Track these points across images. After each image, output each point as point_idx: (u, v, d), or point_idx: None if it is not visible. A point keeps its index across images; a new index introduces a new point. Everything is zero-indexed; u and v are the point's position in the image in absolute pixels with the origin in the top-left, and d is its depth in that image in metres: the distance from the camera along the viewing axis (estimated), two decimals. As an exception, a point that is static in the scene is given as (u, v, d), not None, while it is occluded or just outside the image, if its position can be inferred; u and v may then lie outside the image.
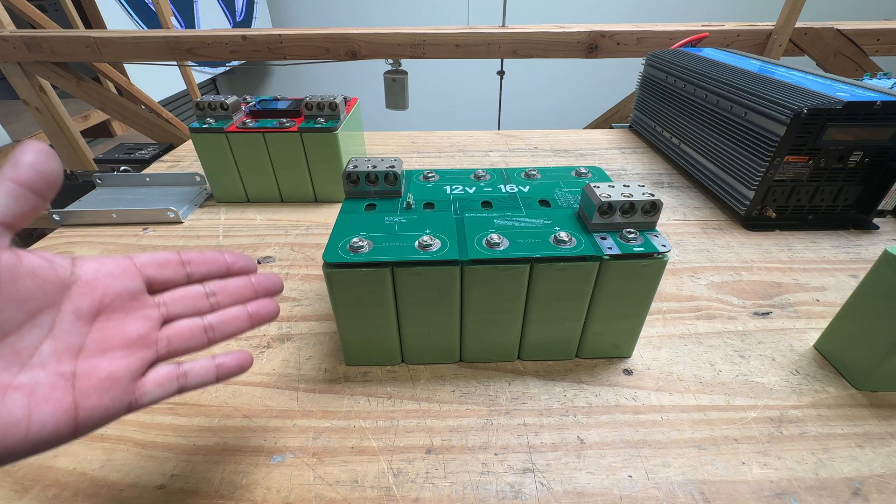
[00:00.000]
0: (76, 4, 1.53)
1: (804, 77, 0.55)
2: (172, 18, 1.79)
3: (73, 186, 0.64)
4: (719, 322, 0.40)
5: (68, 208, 0.57)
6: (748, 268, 0.47)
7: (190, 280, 0.24)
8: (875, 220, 0.54)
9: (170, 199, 0.61)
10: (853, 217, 0.53)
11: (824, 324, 0.37)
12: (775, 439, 0.30)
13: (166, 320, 0.22)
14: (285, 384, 0.35)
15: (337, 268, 0.30)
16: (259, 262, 0.48)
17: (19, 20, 1.23)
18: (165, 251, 0.23)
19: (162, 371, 0.21)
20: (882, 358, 0.32)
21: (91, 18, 1.61)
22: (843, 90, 0.49)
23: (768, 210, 0.52)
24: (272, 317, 0.26)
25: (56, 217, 0.55)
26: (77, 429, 0.18)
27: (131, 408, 0.20)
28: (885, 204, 0.50)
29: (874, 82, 0.62)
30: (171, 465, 0.29)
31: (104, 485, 0.28)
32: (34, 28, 1.27)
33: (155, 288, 0.22)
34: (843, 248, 0.50)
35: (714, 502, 0.27)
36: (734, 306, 0.42)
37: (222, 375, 0.23)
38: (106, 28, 1.58)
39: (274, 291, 0.26)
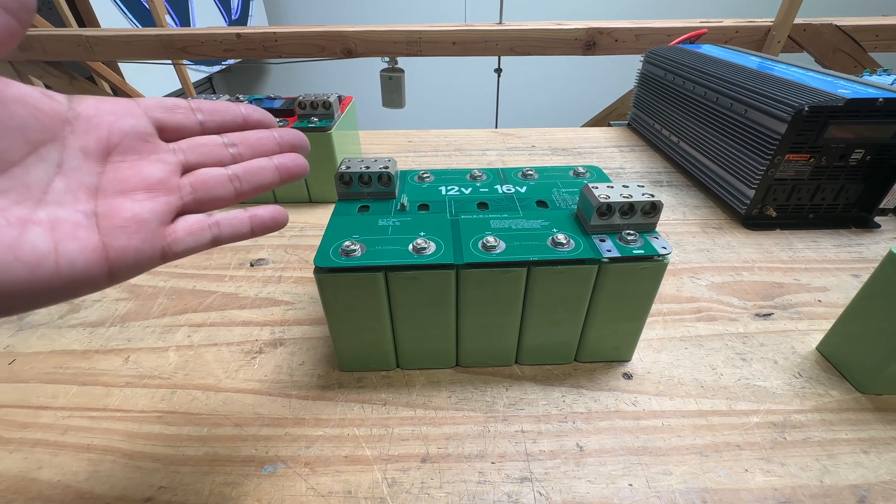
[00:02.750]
0: (69, 3, 1.52)
1: (804, 74, 0.55)
2: (167, 17, 1.77)
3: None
4: (720, 324, 0.40)
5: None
6: (749, 268, 0.46)
7: (204, 130, 0.22)
8: (877, 219, 0.53)
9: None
10: (855, 216, 0.53)
11: (827, 325, 0.37)
12: (778, 445, 0.30)
13: (186, 169, 0.21)
14: (277, 391, 0.34)
15: (329, 272, 0.29)
16: (252, 265, 0.47)
17: (10, 19, 1.22)
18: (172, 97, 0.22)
19: (192, 219, 0.20)
20: (887, 360, 0.31)
21: (84, 17, 1.60)
22: (844, 87, 0.48)
23: (769, 209, 0.52)
24: (302, 172, 0.24)
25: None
26: (112, 271, 0.17)
27: (166, 254, 0.19)
28: (886, 202, 0.49)
29: (874, 79, 0.62)
30: (159, 476, 0.28)
31: (90, 497, 0.27)
32: (26, 27, 1.26)
33: (166, 135, 0.21)
34: (845, 248, 0.49)
35: (717, 511, 0.26)
36: (735, 307, 0.41)
37: (256, 228, 0.22)
38: (100, 27, 1.56)
39: (299, 147, 0.25)
